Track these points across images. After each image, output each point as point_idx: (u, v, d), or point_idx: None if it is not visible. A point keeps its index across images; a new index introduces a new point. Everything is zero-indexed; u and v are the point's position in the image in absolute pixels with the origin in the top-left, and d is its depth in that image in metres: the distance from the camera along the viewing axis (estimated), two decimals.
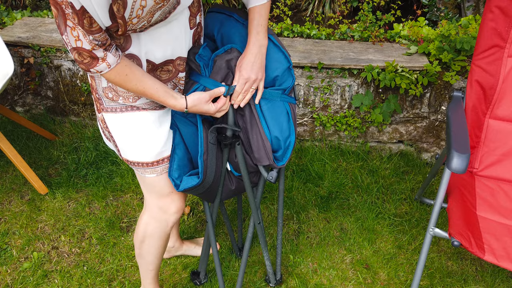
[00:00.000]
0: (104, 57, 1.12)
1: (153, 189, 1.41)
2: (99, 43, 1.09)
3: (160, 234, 1.50)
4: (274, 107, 1.36)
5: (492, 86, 1.77)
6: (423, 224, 2.15)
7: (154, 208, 1.46)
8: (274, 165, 1.38)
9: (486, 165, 1.82)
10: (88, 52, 1.10)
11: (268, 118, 1.35)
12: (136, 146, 1.32)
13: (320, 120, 2.50)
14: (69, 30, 1.06)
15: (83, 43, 1.08)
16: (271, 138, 1.36)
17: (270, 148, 1.35)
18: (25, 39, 2.51)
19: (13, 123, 2.66)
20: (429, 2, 2.97)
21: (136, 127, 1.30)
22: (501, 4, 1.66)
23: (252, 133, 1.36)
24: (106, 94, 1.27)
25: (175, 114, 1.36)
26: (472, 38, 2.25)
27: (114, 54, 1.14)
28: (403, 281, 1.90)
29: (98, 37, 1.08)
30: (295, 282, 1.88)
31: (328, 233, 2.10)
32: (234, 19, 1.37)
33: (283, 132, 1.36)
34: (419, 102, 2.40)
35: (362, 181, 2.38)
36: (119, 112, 1.29)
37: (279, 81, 1.36)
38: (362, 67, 2.31)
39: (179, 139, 1.38)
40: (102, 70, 1.14)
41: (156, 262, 1.61)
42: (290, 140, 1.37)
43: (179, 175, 1.37)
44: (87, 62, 1.12)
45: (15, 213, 2.16)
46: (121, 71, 1.16)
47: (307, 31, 2.59)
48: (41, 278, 1.87)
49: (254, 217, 1.61)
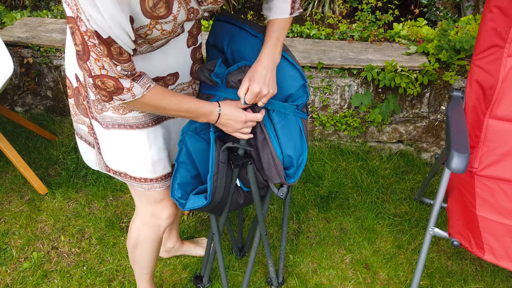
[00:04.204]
0: (130, 88, 1.07)
1: (144, 196, 1.40)
2: (128, 73, 1.04)
3: (152, 239, 1.50)
4: (288, 125, 1.33)
5: (491, 86, 1.77)
6: (422, 224, 2.15)
7: (146, 214, 1.45)
8: (285, 183, 1.36)
9: (486, 165, 1.82)
10: (113, 80, 1.03)
11: (282, 137, 1.33)
12: (127, 160, 1.30)
13: (319, 120, 2.50)
14: (92, 60, 1.00)
15: (109, 72, 1.02)
16: (284, 156, 1.34)
17: (281, 167, 1.33)
18: (24, 39, 2.51)
19: (12, 123, 2.66)
20: (428, 2, 2.97)
21: (126, 144, 1.27)
22: (501, 4, 1.66)
23: (264, 152, 1.34)
24: (95, 106, 1.23)
25: (187, 131, 1.32)
26: (472, 38, 2.25)
27: (143, 85, 1.08)
28: (403, 281, 1.90)
29: (127, 67, 1.03)
30: (295, 282, 1.88)
31: (328, 233, 2.10)
32: (245, 31, 1.30)
33: (296, 150, 1.34)
34: (418, 102, 2.41)
35: (362, 181, 2.38)
36: (105, 128, 1.25)
37: (293, 98, 1.33)
38: (362, 67, 2.31)
39: (184, 157, 1.34)
40: (126, 99, 1.09)
41: (150, 265, 1.60)
42: (302, 158, 1.35)
43: (182, 195, 1.34)
44: (111, 90, 1.06)
45: (14, 213, 2.16)
46: (147, 101, 1.11)
47: (306, 31, 2.59)
48: (40, 278, 1.87)
49: (261, 229, 1.60)
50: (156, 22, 1.02)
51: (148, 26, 1.02)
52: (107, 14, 0.92)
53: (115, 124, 1.24)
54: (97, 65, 1.01)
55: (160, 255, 1.95)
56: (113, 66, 1.01)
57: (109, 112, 1.22)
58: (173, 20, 1.05)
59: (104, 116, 1.23)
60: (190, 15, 1.09)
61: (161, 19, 1.03)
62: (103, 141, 1.30)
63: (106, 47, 0.97)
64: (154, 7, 0.99)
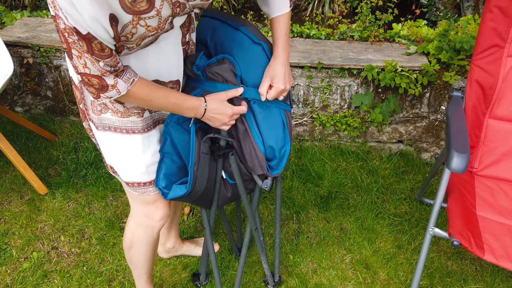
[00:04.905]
0: (115, 84, 1.06)
1: (137, 197, 1.40)
2: (111, 69, 1.03)
3: (147, 239, 1.50)
4: (270, 116, 1.34)
5: (491, 86, 1.77)
6: (422, 224, 2.15)
7: (140, 215, 1.45)
8: (268, 174, 1.37)
9: (486, 165, 1.82)
10: (97, 78, 1.03)
11: (263, 128, 1.34)
12: (120, 164, 1.30)
13: (319, 120, 2.50)
14: (75, 58, 1.00)
15: (91, 70, 1.01)
16: (265, 148, 1.35)
17: (263, 158, 1.34)
18: (24, 39, 2.51)
19: (12, 123, 2.66)
20: (428, 2, 2.97)
21: (120, 148, 1.27)
22: (501, 4, 1.66)
23: (245, 143, 1.35)
24: (94, 108, 1.23)
25: (170, 121, 1.33)
26: (472, 38, 2.25)
27: (126, 80, 1.08)
28: (402, 281, 1.90)
29: (110, 62, 1.01)
30: (295, 282, 1.88)
31: (328, 233, 2.10)
32: (226, 25, 1.33)
33: (278, 141, 1.35)
34: (418, 102, 2.41)
35: (361, 181, 2.38)
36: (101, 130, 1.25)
37: None
38: (362, 67, 2.31)
39: (169, 148, 1.35)
40: (112, 96, 1.09)
41: (146, 266, 1.60)
42: (285, 149, 1.36)
43: (166, 185, 1.35)
44: (97, 87, 1.06)
45: (14, 213, 2.16)
46: (134, 95, 1.11)
47: (306, 31, 2.59)
48: (40, 278, 1.87)
49: (251, 223, 1.61)
50: (139, 18, 0.99)
51: (131, 23, 0.99)
52: (84, 11, 0.90)
53: (112, 127, 1.24)
54: (80, 62, 1.00)
55: (160, 255, 1.95)
56: (95, 62, 1.00)
57: (108, 114, 1.22)
58: (157, 15, 1.01)
59: (102, 117, 1.23)
60: (175, 9, 1.06)
61: (144, 14, 0.99)
62: (99, 143, 1.30)
63: (86, 43, 0.96)
64: (134, 2, 0.96)
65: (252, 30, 1.29)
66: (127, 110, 1.22)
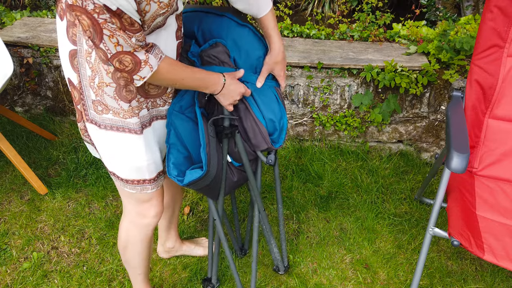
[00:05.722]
0: (146, 59, 1.08)
1: (132, 196, 1.40)
2: (142, 43, 1.05)
3: (142, 238, 1.50)
4: (264, 93, 1.42)
5: (491, 86, 1.77)
6: (422, 223, 2.15)
7: (134, 214, 1.45)
8: (272, 148, 1.43)
9: (486, 164, 1.82)
10: (130, 55, 1.05)
11: (260, 104, 1.41)
12: (118, 163, 1.31)
13: (319, 120, 2.50)
14: (106, 39, 1.01)
15: (124, 47, 1.03)
16: (266, 121, 1.41)
17: (266, 131, 1.41)
18: (24, 39, 2.51)
19: (12, 123, 2.66)
20: (427, 2, 2.97)
21: (121, 146, 1.27)
22: (501, 4, 1.66)
23: (247, 121, 1.41)
24: (95, 107, 1.23)
25: (172, 111, 1.35)
26: (472, 38, 2.25)
27: (155, 55, 1.11)
28: (402, 281, 1.90)
29: (140, 37, 1.04)
30: (295, 282, 1.88)
31: (328, 233, 2.10)
32: (211, 14, 1.38)
33: (276, 114, 1.42)
34: (418, 102, 2.41)
35: (361, 181, 2.38)
36: (103, 129, 1.25)
37: (261, 66, 1.43)
38: (362, 67, 2.31)
39: (174, 139, 1.37)
40: (145, 75, 1.11)
41: (142, 266, 1.60)
42: (283, 121, 1.44)
43: (178, 173, 1.37)
44: (129, 69, 1.08)
45: (14, 213, 2.16)
46: (164, 72, 1.15)
47: (306, 31, 2.59)
48: (40, 278, 1.87)
49: (259, 205, 1.63)
50: None
51: (146, 0, 1.02)
52: None
53: (114, 127, 1.24)
54: (111, 42, 1.01)
55: (160, 255, 1.95)
56: (128, 39, 1.02)
57: (109, 114, 1.22)
58: None
59: (104, 118, 1.23)
60: None
61: None
62: (98, 142, 1.30)
63: (118, 19, 0.98)
64: None
65: (236, 14, 1.36)
66: (128, 111, 1.22)
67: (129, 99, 1.21)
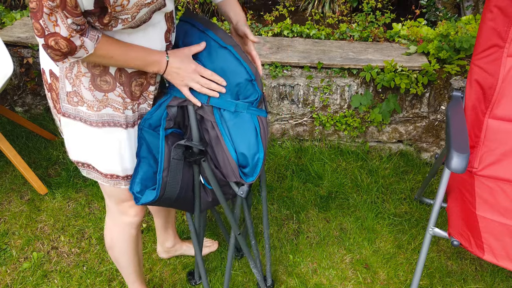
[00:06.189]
0: (82, 43, 1.05)
1: (112, 193, 1.39)
2: (77, 28, 1.01)
3: (125, 238, 1.49)
4: (241, 123, 1.31)
5: (491, 86, 1.77)
6: (422, 223, 2.15)
7: (115, 214, 1.45)
8: (242, 181, 1.35)
9: (486, 164, 1.82)
10: (65, 40, 1.02)
11: (234, 135, 1.31)
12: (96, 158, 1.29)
13: (319, 120, 2.50)
14: (46, 17, 0.98)
15: (61, 29, 1.00)
16: (237, 155, 1.33)
17: (235, 165, 1.32)
18: (24, 39, 2.51)
19: (12, 123, 2.66)
20: (427, 2, 2.97)
21: (96, 140, 1.26)
22: (501, 4, 1.66)
23: (218, 150, 1.34)
24: (70, 98, 1.21)
25: (143, 127, 1.31)
26: (472, 37, 2.25)
27: (91, 38, 1.06)
28: (402, 281, 1.90)
29: (79, 21, 1.00)
30: (295, 282, 1.88)
31: (328, 233, 2.10)
32: (196, 29, 1.31)
33: (251, 148, 1.32)
34: (418, 102, 2.41)
35: (361, 181, 2.38)
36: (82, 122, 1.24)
37: (243, 93, 1.30)
38: (362, 67, 2.31)
39: (145, 153, 1.33)
40: (80, 56, 1.08)
41: (132, 265, 1.59)
42: (258, 157, 1.33)
43: (141, 189, 1.35)
44: (65, 51, 1.05)
45: (14, 213, 2.16)
46: (99, 54, 1.10)
47: (306, 31, 2.59)
48: (40, 278, 1.87)
49: (233, 229, 1.58)
50: None
51: None
52: None
53: (88, 121, 1.23)
54: (50, 21, 0.99)
55: (160, 255, 1.95)
56: (64, 19, 0.99)
57: (83, 107, 1.21)
58: None
59: (78, 110, 1.22)
60: None
61: None
62: (69, 133, 1.28)
63: None
64: None
65: (219, 34, 1.27)
66: (102, 101, 1.21)
67: (105, 89, 1.19)
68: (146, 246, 2.01)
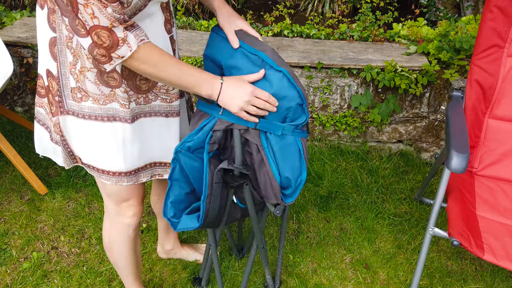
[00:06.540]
0: (125, 37, 1.02)
1: (111, 193, 1.38)
2: (119, 17, 0.99)
3: (123, 240, 1.49)
4: (286, 146, 1.29)
5: (491, 86, 1.77)
6: (422, 223, 2.15)
7: (112, 213, 1.44)
8: (282, 203, 1.33)
9: (486, 164, 1.82)
10: (107, 30, 0.99)
11: (279, 159, 1.29)
12: (95, 153, 1.27)
13: (319, 120, 2.50)
14: (82, 8, 0.95)
15: (100, 20, 0.97)
16: (281, 178, 1.30)
17: (278, 189, 1.30)
18: (24, 39, 2.51)
19: (12, 123, 2.66)
20: (427, 2, 2.97)
21: (97, 137, 1.24)
22: (501, 4, 1.66)
23: (261, 173, 1.31)
24: (74, 94, 1.19)
25: (181, 150, 1.29)
26: (472, 37, 2.25)
27: (136, 35, 1.04)
28: (402, 281, 1.90)
29: (117, 8, 0.98)
30: (295, 282, 1.88)
31: (328, 233, 2.10)
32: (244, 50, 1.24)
33: (295, 171, 1.31)
34: (418, 102, 2.41)
35: (361, 180, 2.38)
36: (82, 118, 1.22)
37: (291, 116, 1.27)
38: (362, 67, 2.31)
39: (178, 175, 1.31)
40: (124, 54, 1.04)
41: (130, 266, 1.59)
42: (301, 179, 1.32)
43: (174, 213, 1.33)
44: (107, 46, 1.02)
45: (14, 213, 2.16)
46: (147, 56, 1.06)
47: (306, 31, 2.59)
48: (40, 278, 1.87)
49: (258, 242, 1.58)
50: None
51: None
52: None
53: (92, 116, 1.22)
54: (87, 13, 0.97)
55: (160, 255, 1.95)
56: (103, 9, 0.97)
57: (88, 102, 1.20)
58: None
59: (82, 106, 1.21)
60: None
61: None
62: (74, 133, 1.26)
63: None
64: None
65: (273, 56, 1.21)
66: (109, 96, 1.20)
67: (112, 85, 1.18)
68: (146, 246, 2.01)
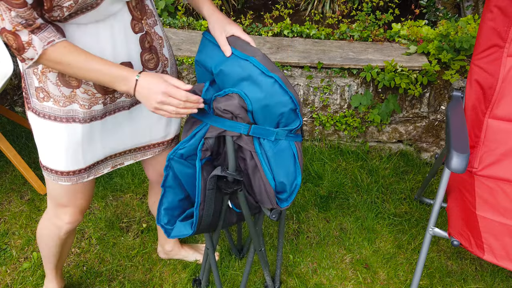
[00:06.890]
0: (30, 41, 0.99)
1: (53, 194, 1.39)
2: (23, 22, 0.96)
3: (51, 237, 1.51)
4: (280, 152, 1.28)
5: (491, 86, 1.77)
6: (422, 223, 2.15)
7: (51, 213, 1.46)
8: (278, 207, 1.33)
9: (486, 164, 1.82)
10: (11, 33, 0.97)
11: (274, 165, 1.28)
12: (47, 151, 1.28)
13: (319, 120, 2.50)
14: None
15: (5, 23, 0.95)
16: (276, 183, 1.30)
17: (273, 194, 1.30)
18: None
19: (12, 123, 2.66)
20: (427, 2, 2.97)
21: (55, 136, 1.24)
22: (501, 4, 1.66)
23: (255, 178, 1.30)
24: (38, 94, 1.19)
25: (173, 157, 1.29)
26: (472, 37, 2.25)
27: (43, 37, 1.00)
28: (402, 281, 1.90)
29: (22, 13, 0.95)
30: (295, 282, 1.88)
31: (328, 233, 2.10)
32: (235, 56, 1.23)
33: (290, 176, 1.30)
34: (418, 102, 2.41)
35: (361, 180, 2.38)
36: (44, 118, 1.22)
37: (285, 121, 1.26)
38: (362, 67, 2.31)
39: (171, 182, 1.31)
40: (32, 57, 1.02)
41: (53, 258, 1.61)
42: (296, 183, 1.31)
43: (168, 220, 1.33)
44: (15, 48, 1.00)
45: (14, 213, 2.16)
46: (60, 57, 1.04)
47: (306, 31, 2.59)
48: (40, 278, 1.87)
49: (255, 245, 1.57)
50: None
51: None
52: None
53: (52, 116, 1.22)
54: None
55: (160, 255, 1.95)
56: (7, 11, 0.94)
57: (49, 103, 1.20)
58: None
59: (44, 105, 1.21)
60: None
61: None
62: (34, 130, 1.27)
63: None
64: None
65: (264, 61, 1.19)
66: (69, 97, 1.19)
67: (73, 85, 1.17)
68: (146, 246, 2.01)
